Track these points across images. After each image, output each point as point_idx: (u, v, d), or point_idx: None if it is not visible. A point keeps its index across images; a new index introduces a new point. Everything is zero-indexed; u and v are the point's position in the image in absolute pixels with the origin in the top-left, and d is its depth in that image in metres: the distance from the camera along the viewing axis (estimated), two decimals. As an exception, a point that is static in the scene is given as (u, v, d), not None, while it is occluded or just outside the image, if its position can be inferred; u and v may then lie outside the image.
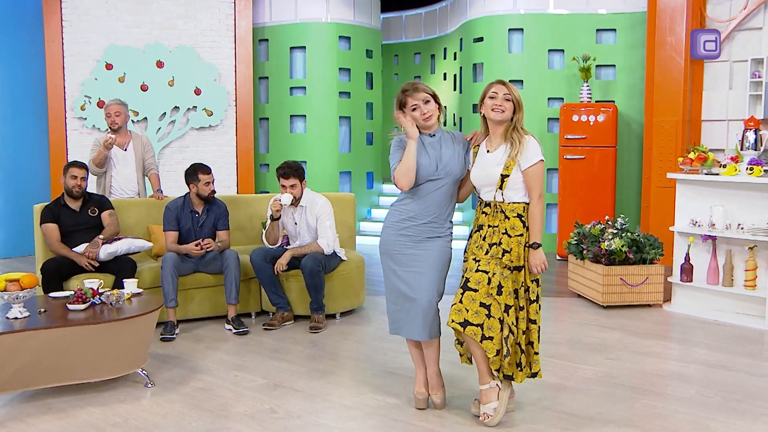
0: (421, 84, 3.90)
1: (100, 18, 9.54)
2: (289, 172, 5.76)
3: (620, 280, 6.34)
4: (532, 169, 3.71)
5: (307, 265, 5.66)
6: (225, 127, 9.98)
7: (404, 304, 3.95)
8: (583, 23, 9.34)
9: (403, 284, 3.93)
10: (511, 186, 3.74)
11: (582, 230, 6.74)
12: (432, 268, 3.90)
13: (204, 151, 9.91)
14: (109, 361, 4.35)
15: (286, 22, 10.39)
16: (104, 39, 9.55)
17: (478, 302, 3.67)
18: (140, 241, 5.82)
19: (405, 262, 3.94)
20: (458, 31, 10.76)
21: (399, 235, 3.95)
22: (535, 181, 3.72)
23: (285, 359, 5.04)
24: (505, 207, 3.75)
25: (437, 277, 3.91)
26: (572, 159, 8.84)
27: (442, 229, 3.95)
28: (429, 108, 3.85)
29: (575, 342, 5.42)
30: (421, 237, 3.92)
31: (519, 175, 3.72)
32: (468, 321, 3.66)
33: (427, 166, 3.85)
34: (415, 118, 3.86)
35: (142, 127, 9.63)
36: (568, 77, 9.37)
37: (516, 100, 3.75)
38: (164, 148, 9.77)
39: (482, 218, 3.85)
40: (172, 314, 5.66)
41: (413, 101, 3.85)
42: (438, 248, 3.93)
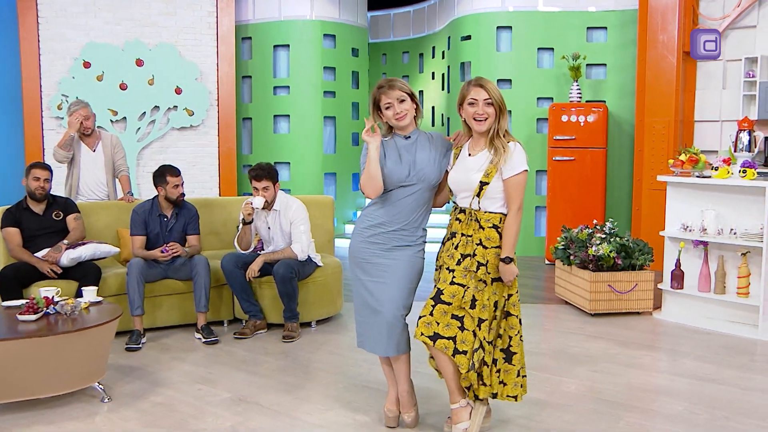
0: (399, 81, 3.64)
1: (78, 15, 9.28)
2: (261, 173, 5.51)
3: (608, 287, 6.10)
4: (515, 179, 3.44)
5: (279, 272, 5.41)
6: (206, 128, 9.73)
7: (370, 317, 3.70)
8: (573, 21, 9.11)
9: (369, 295, 3.68)
10: (490, 195, 3.48)
11: (569, 235, 6.50)
12: (400, 279, 3.64)
13: (185, 152, 9.66)
14: (63, 375, 4.09)
15: (269, 19, 10.14)
16: (82, 36, 9.29)
17: (449, 314, 3.42)
18: (106, 246, 5.56)
19: (372, 271, 3.68)
20: (446, 30, 10.52)
21: (367, 243, 3.70)
22: (516, 192, 3.45)
23: (253, 371, 4.79)
24: (481, 216, 3.50)
25: (405, 289, 3.65)
26: (561, 160, 8.60)
27: (413, 237, 3.70)
28: (403, 107, 3.60)
29: (560, 353, 5.18)
30: (390, 245, 3.66)
31: (499, 184, 3.46)
32: (438, 334, 3.41)
33: (399, 171, 3.60)
34: (387, 117, 3.62)
35: (121, 127, 9.38)
36: (557, 76, 9.13)
37: (498, 102, 3.47)
38: (144, 148, 9.52)
39: (455, 225, 3.59)
40: (138, 323, 5.40)
41: (387, 99, 3.59)
42: (408, 258, 3.67)
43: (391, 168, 3.60)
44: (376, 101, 3.64)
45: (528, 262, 8.87)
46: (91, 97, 9.08)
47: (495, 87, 3.48)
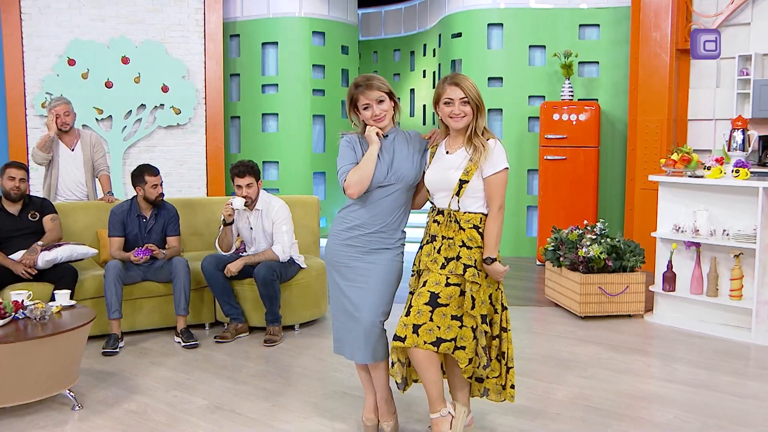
0: (377, 79, 3.47)
1: (62, 11, 9.10)
2: (244, 170, 5.37)
3: (599, 289, 5.96)
4: (495, 177, 3.30)
5: (260, 274, 5.26)
6: (194, 126, 9.55)
7: (347, 322, 3.56)
8: (565, 18, 8.96)
9: (347, 300, 3.54)
10: (470, 193, 3.33)
11: (559, 235, 6.36)
12: (379, 283, 3.49)
13: (172, 151, 9.50)
14: (31, 383, 3.94)
15: (258, 16, 9.98)
16: (67, 33, 9.11)
17: (449, 316, 3.28)
18: (83, 247, 5.40)
19: (349, 275, 3.53)
20: (437, 27, 10.38)
21: (344, 246, 3.55)
22: (497, 191, 3.30)
23: (232, 377, 4.64)
24: (460, 216, 3.35)
25: (384, 295, 3.51)
26: (553, 160, 8.46)
27: (391, 240, 3.55)
28: (382, 108, 3.45)
29: (549, 357, 5.03)
30: (367, 248, 3.51)
31: (480, 183, 3.32)
32: (441, 338, 3.25)
33: (378, 171, 3.45)
34: (365, 118, 3.47)
35: (107, 126, 9.21)
36: (549, 74, 8.99)
37: (475, 100, 3.32)
38: (130, 147, 9.35)
39: (434, 227, 3.44)
40: (115, 326, 5.24)
41: (365, 100, 3.44)
42: (387, 262, 3.52)
43: None
44: (354, 100, 3.49)
45: (519, 263, 8.73)
46: (77, 95, 8.94)
47: (472, 84, 3.33)
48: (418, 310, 3.30)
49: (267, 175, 10.19)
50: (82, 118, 9.03)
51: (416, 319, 3.28)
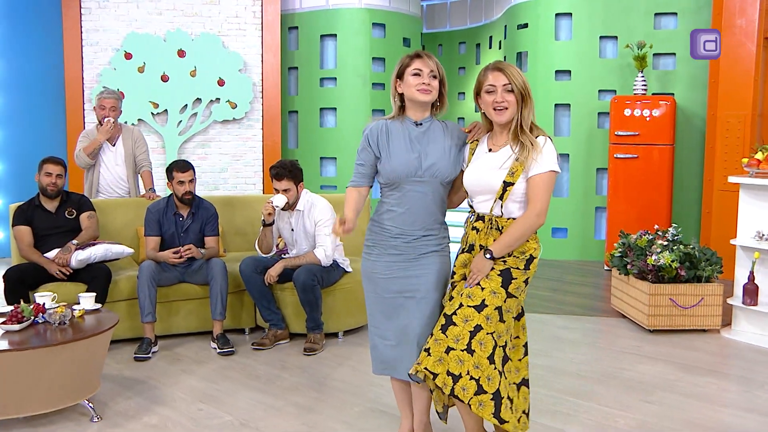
0: (436, 59, 3.12)
1: (120, 5, 9.00)
2: (282, 172, 5.04)
3: (670, 301, 5.43)
4: (539, 177, 2.88)
5: (299, 279, 4.93)
6: (250, 121, 9.34)
7: (397, 338, 3.16)
8: (639, 6, 8.36)
9: (396, 313, 3.16)
10: (515, 198, 2.93)
11: (627, 241, 5.86)
12: (430, 290, 3.12)
13: (228, 146, 9.31)
14: (46, 391, 3.70)
15: (316, 8, 9.69)
16: (124, 27, 9.01)
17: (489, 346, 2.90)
18: (118, 246, 5.18)
19: (398, 286, 3.16)
20: (503, 18, 9.88)
21: (387, 256, 3.17)
22: (539, 193, 2.89)
23: (264, 389, 4.33)
24: (503, 223, 2.94)
25: (438, 300, 3.14)
26: (624, 158, 7.90)
27: (436, 239, 3.17)
28: (433, 84, 3.06)
29: (611, 377, 4.56)
30: (413, 254, 3.14)
31: (525, 185, 2.92)
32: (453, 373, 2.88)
33: (408, 163, 3.07)
34: (409, 86, 3.05)
35: (163, 120, 9.07)
36: (621, 67, 8.41)
37: (520, 88, 2.90)
38: (186, 142, 9.19)
39: (473, 235, 3.04)
40: (149, 330, 5.00)
41: (420, 66, 3.05)
42: (436, 266, 3.15)
43: (399, 156, 3.08)
44: (403, 68, 3.09)
45: (585, 267, 8.21)
46: (133, 89, 8.87)
47: (517, 71, 2.92)
48: (436, 338, 2.93)
49: (325, 172, 9.90)
50: (138, 113, 8.94)
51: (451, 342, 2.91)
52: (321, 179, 9.85)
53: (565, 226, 8.73)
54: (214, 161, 9.29)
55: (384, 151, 3.11)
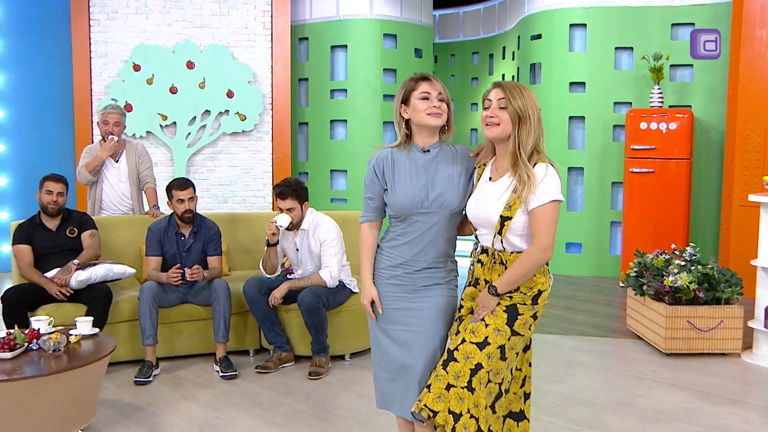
0: (440, 80, 2.99)
1: (129, 16, 8.93)
2: (286, 191, 4.90)
3: (687, 323, 5.26)
4: (541, 210, 2.69)
5: (304, 301, 4.80)
6: (260, 133, 9.24)
7: (396, 372, 3.01)
8: (656, 17, 8.21)
9: (396, 347, 3.00)
10: (516, 231, 2.75)
11: (643, 260, 5.68)
12: (431, 324, 2.96)
13: (237, 158, 9.21)
14: (40, 422, 3.58)
15: (326, 18, 9.58)
16: (133, 38, 8.94)
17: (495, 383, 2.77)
18: (120, 266, 5.06)
19: (397, 318, 3.00)
20: (516, 28, 9.74)
21: (388, 285, 3.02)
22: (542, 226, 2.70)
23: (266, 417, 4.19)
24: (507, 258, 2.78)
25: (439, 337, 2.98)
26: (640, 173, 7.73)
27: (442, 273, 3.01)
28: (442, 107, 2.91)
29: (625, 404, 4.39)
30: (416, 286, 2.99)
31: (525, 218, 2.74)
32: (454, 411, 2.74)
33: (414, 195, 2.92)
34: (417, 110, 2.91)
35: (171, 133, 8.98)
36: (636, 79, 8.25)
37: (517, 108, 2.73)
38: (194, 154, 9.10)
39: (477, 269, 2.89)
40: (150, 353, 4.88)
41: (427, 89, 2.90)
42: (439, 298, 2.99)
43: (404, 188, 2.93)
44: (408, 92, 2.94)
45: (600, 283, 8.04)
46: (141, 101, 8.79)
47: (520, 92, 2.74)
48: (437, 375, 2.81)
49: (335, 185, 9.78)
50: (146, 125, 8.86)
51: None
52: (331, 192, 9.73)
53: (580, 240, 8.56)
54: (223, 174, 9.19)
55: (390, 182, 2.97)
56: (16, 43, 8.99)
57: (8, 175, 8.96)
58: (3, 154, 8.95)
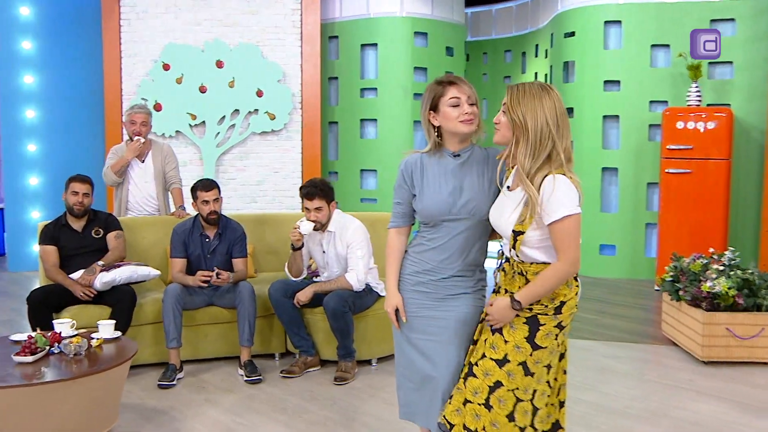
0: (467, 81, 2.86)
1: (159, 16, 8.92)
2: (314, 191, 4.81)
3: (726, 331, 5.08)
4: (559, 226, 2.54)
5: (329, 305, 4.71)
6: (290, 132, 9.17)
7: (420, 382, 2.91)
8: (694, 13, 7.98)
9: (419, 356, 2.90)
10: (530, 244, 2.62)
11: (680, 264, 5.51)
12: (456, 335, 2.85)
13: (266, 158, 9.15)
14: (60, 427, 3.54)
15: (357, 16, 9.49)
16: (163, 38, 8.93)
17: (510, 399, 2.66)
18: (145, 268, 5.01)
19: (421, 326, 2.90)
20: (549, 26, 9.55)
21: (413, 292, 2.93)
22: (563, 243, 2.55)
23: (289, 423, 4.11)
24: (527, 269, 2.65)
25: (464, 348, 2.86)
26: (676, 173, 7.53)
27: (469, 282, 2.90)
28: (474, 112, 2.80)
29: (661, 416, 4.24)
30: (442, 294, 2.88)
31: (541, 231, 2.60)
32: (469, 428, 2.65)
33: (442, 201, 2.82)
34: (448, 118, 2.79)
35: (201, 132, 8.96)
36: (673, 77, 8.04)
37: (516, 120, 2.58)
38: (224, 154, 9.06)
39: (500, 276, 2.78)
40: (174, 356, 4.83)
41: (456, 93, 2.78)
42: (466, 308, 2.87)
43: (432, 194, 2.84)
44: (437, 97, 2.82)
45: (635, 286, 7.85)
46: (171, 100, 8.78)
47: (519, 100, 2.60)
48: (458, 387, 2.73)
49: (365, 185, 9.69)
50: (176, 124, 8.85)
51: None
52: (361, 192, 9.64)
53: (614, 243, 8.37)
54: (253, 173, 9.14)
55: (418, 187, 2.87)
56: (47, 44, 9.04)
57: (40, 174, 9.01)
58: (34, 154, 9.01)
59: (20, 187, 9.03)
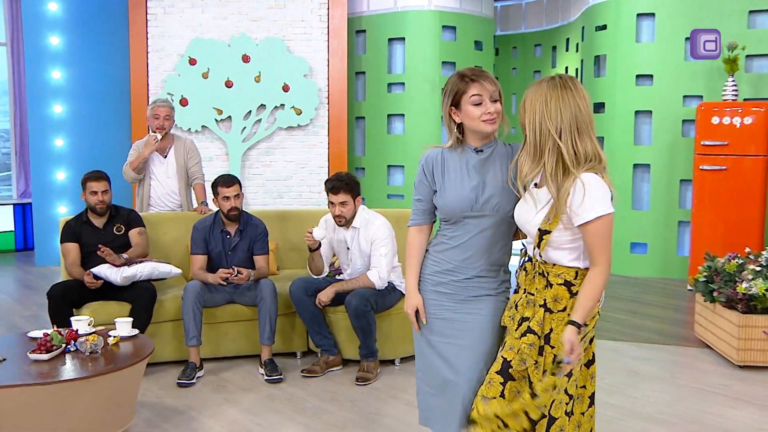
0: (491, 76, 2.72)
1: (186, 10, 8.89)
2: (339, 185, 4.71)
3: (763, 334, 4.89)
4: (591, 228, 2.42)
5: (351, 304, 4.61)
6: (316, 127, 9.09)
7: (440, 387, 2.79)
8: (731, 4, 7.73)
9: (440, 360, 2.79)
10: (557, 245, 2.50)
11: (714, 264, 5.32)
12: (481, 338, 2.73)
13: (292, 153, 9.08)
14: (74, 426, 3.48)
15: (384, 10, 9.36)
16: (189, 32, 8.89)
17: (521, 399, 2.54)
18: (166, 266, 4.93)
19: (442, 329, 2.79)
20: (580, 19, 9.35)
21: (433, 293, 2.81)
22: (599, 244, 2.43)
23: (307, 424, 4.02)
24: (549, 270, 2.53)
25: (486, 351, 2.73)
26: (711, 170, 7.31)
27: (493, 283, 2.78)
28: (497, 108, 2.67)
29: (693, 422, 4.08)
30: (464, 296, 2.76)
31: (568, 233, 2.48)
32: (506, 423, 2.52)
33: (462, 197, 2.70)
34: (471, 117, 2.67)
35: (227, 127, 8.90)
36: (709, 70, 7.80)
37: (519, 119, 2.57)
38: (250, 149, 9.01)
39: (522, 276, 2.66)
40: (194, 354, 4.76)
41: (479, 90, 2.65)
42: (489, 311, 2.75)
43: (453, 189, 2.72)
44: (459, 94, 2.69)
45: (667, 286, 7.65)
46: (197, 95, 8.74)
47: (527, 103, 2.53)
48: (490, 379, 2.60)
49: (392, 180, 9.58)
50: (201, 119, 8.80)
51: (486, 389, 2.59)
52: (388, 188, 9.53)
53: (646, 241, 8.17)
54: (279, 169, 9.07)
55: (439, 183, 2.76)
56: (75, 40, 9.04)
57: (67, 169, 9.02)
58: (62, 149, 9.02)
59: (48, 182, 9.05)
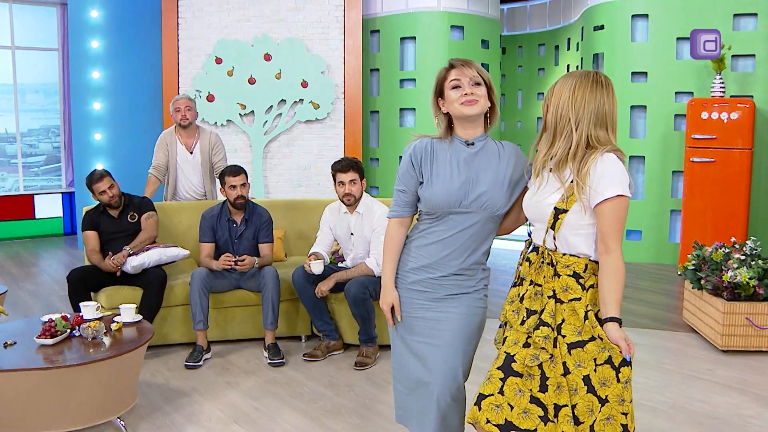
0: (477, 64, 2.40)
1: (213, 13, 8.59)
2: (348, 164, 4.43)
3: (746, 320, 4.53)
4: (606, 206, 2.13)
5: (350, 292, 4.31)
6: (333, 121, 8.76)
7: (415, 387, 2.49)
8: (718, 7, 7.26)
9: (413, 359, 2.48)
10: (572, 229, 2.18)
11: (702, 253, 4.95)
12: (455, 338, 2.42)
13: (311, 145, 8.77)
14: (77, 409, 3.23)
15: (397, 11, 9.00)
16: (215, 33, 8.59)
17: (527, 395, 2.17)
18: (173, 249, 4.67)
19: (417, 328, 2.48)
20: (580, 20, 8.90)
21: (409, 290, 2.49)
22: (611, 225, 2.14)
23: (305, 410, 3.74)
24: (557, 259, 2.21)
25: (462, 353, 2.43)
26: (700, 162, 6.89)
27: (471, 281, 2.46)
28: (477, 93, 2.34)
29: (679, 409, 3.74)
30: (440, 294, 2.45)
31: (590, 215, 2.17)
32: (512, 423, 2.16)
33: (452, 191, 2.37)
34: (450, 101, 2.36)
35: (249, 121, 8.62)
36: (698, 69, 7.35)
37: (552, 111, 2.23)
38: (271, 141, 8.71)
39: (525, 267, 2.32)
40: (201, 337, 4.50)
41: (456, 75, 2.35)
42: (465, 310, 2.44)
43: (442, 183, 2.39)
44: (440, 83, 2.41)
45: (659, 271, 7.27)
46: (222, 91, 8.46)
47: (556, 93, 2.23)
48: (489, 375, 2.25)
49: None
50: (226, 114, 8.52)
51: (484, 387, 2.23)
52: (399, 179, 9.20)
53: (640, 228, 7.77)
54: (298, 160, 8.79)
55: (426, 174, 2.42)
56: (113, 42, 8.80)
57: (105, 161, 8.79)
58: (100, 142, 8.81)
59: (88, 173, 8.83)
